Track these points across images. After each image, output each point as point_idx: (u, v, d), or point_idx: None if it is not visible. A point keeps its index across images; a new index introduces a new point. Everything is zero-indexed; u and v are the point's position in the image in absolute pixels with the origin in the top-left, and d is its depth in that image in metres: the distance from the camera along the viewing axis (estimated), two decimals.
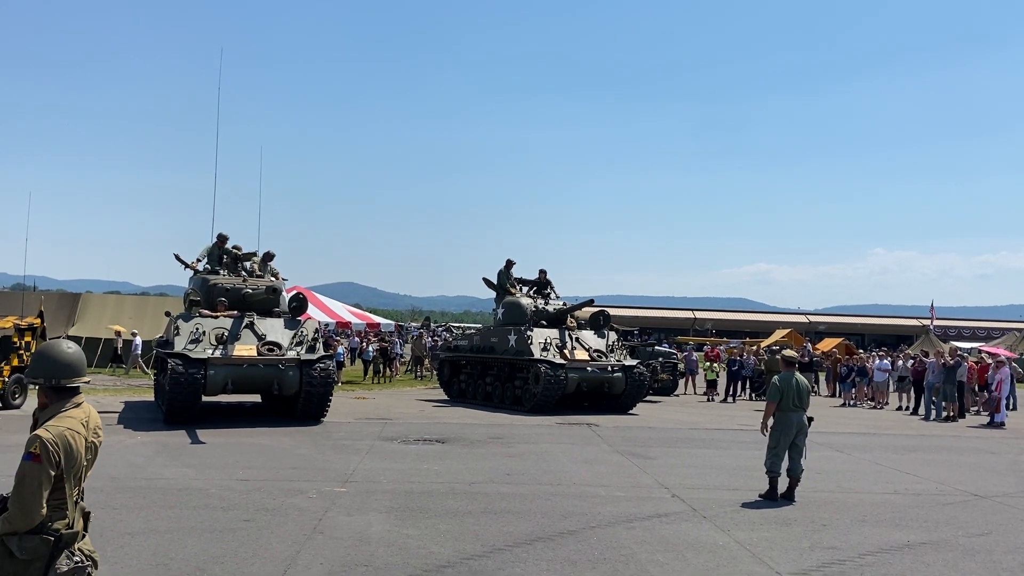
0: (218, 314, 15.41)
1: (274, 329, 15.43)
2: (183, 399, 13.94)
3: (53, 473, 3.26)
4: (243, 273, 17.31)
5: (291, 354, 14.95)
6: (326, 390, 15.01)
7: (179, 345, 14.42)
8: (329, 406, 15.36)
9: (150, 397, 18.55)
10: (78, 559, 3.35)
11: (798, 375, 9.68)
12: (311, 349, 15.27)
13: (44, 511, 3.25)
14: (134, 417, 15.45)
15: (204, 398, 14.81)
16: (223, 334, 14.82)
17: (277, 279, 17.59)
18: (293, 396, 15.01)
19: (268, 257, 17.92)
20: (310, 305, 20.38)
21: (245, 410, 17.35)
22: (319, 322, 20.27)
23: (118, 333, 26.83)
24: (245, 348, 14.71)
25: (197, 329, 14.72)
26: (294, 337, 15.37)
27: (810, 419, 9.65)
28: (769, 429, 9.57)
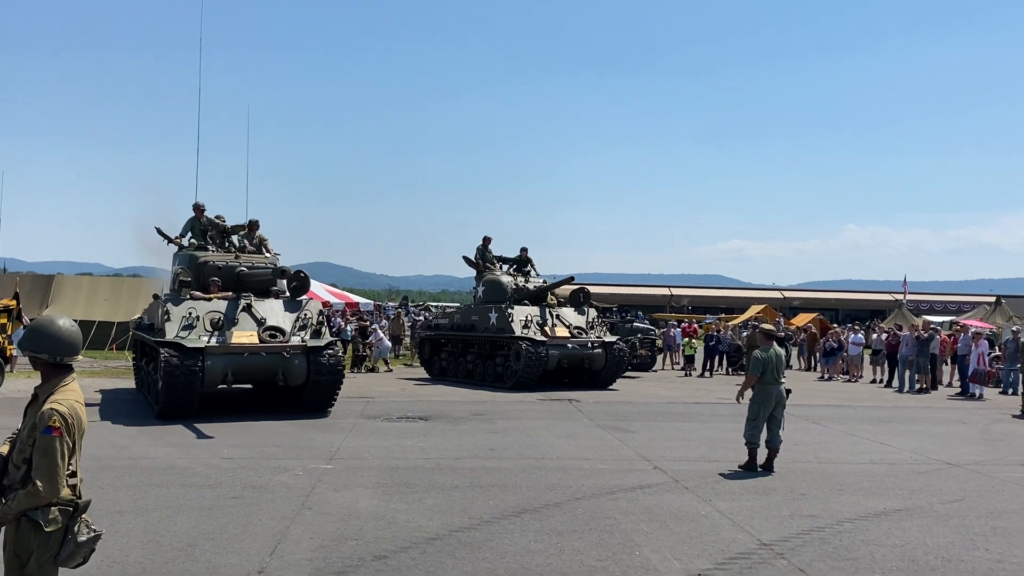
0: (211, 296, 13.91)
1: (274, 312, 13.95)
2: (179, 394, 12.52)
3: (71, 444, 3.41)
4: (233, 248, 15.88)
5: (295, 340, 13.52)
6: (336, 379, 13.69)
7: (171, 332, 12.97)
8: (338, 395, 14.08)
9: (128, 383, 18.01)
10: (95, 527, 3.51)
11: (776, 348, 9.85)
12: (316, 334, 13.81)
13: (65, 482, 3.39)
14: (115, 400, 15.36)
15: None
16: (218, 319, 13.33)
17: (269, 252, 16.05)
18: (299, 387, 13.66)
19: (254, 226, 16.28)
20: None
21: (244, 399, 15.81)
22: (322, 302, 19.07)
23: None
24: (245, 335, 13.31)
25: (190, 314, 13.25)
26: (296, 321, 13.87)
27: (788, 391, 9.84)
28: (747, 399, 9.75)
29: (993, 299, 50.76)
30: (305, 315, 14.01)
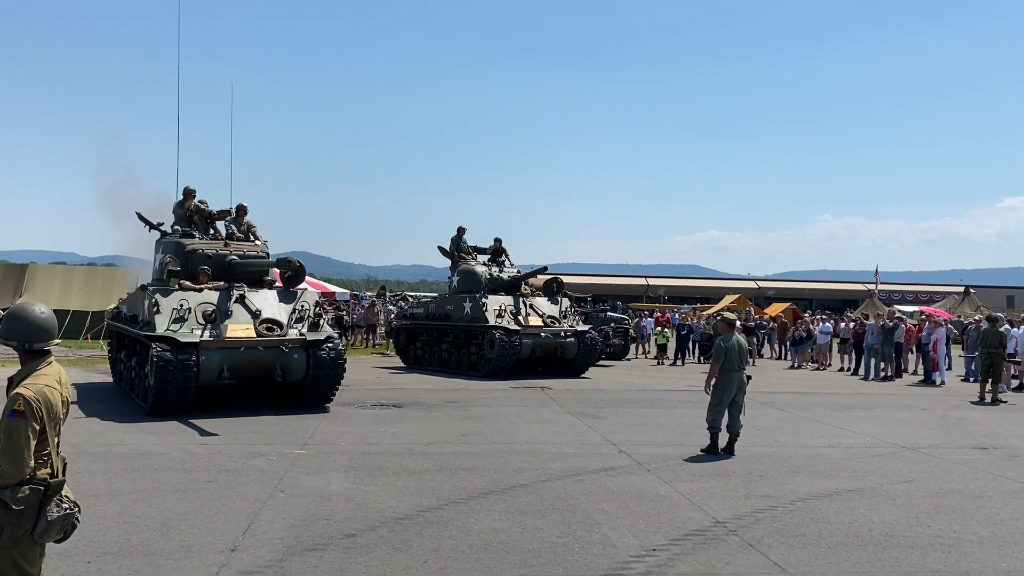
0: (201, 286, 13.09)
1: (268, 303, 13.19)
2: (173, 391, 11.81)
3: (37, 427, 3.53)
4: (220, 235, 15.02)
5: (293, 333, 12.87)
6: (338, 373, 13.07)
7: (161, 325, 12.19)
8: (338, 390, 13.48)
9: (103, 377, 17.41)
10: (67, 505, 3.64)
11: (738, 336, 10.18)
12: (315, 326, 13.17)
13: (32, 463, 3.52)
14: (93, 392, 15.38)
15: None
16: (211, 311, 12.52)
17: (259, 239, 15.19)
18: (296, 382, 13.04)
19: (242, 211, 15.33)
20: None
21: (233, 393, 14.78)
22: (319, 293, 18.26)
23: None
24: (241, 328, 12.59)
25: (182, 305, 12.46)
26: (293, 312, 13.14)
27: (749, 377, 10.17)
28: (712, 387, 10.08)
29: (962, 289, 51.76)
30: (302, 306, 13.34)
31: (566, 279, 23.36)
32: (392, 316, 29.40)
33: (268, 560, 5.68)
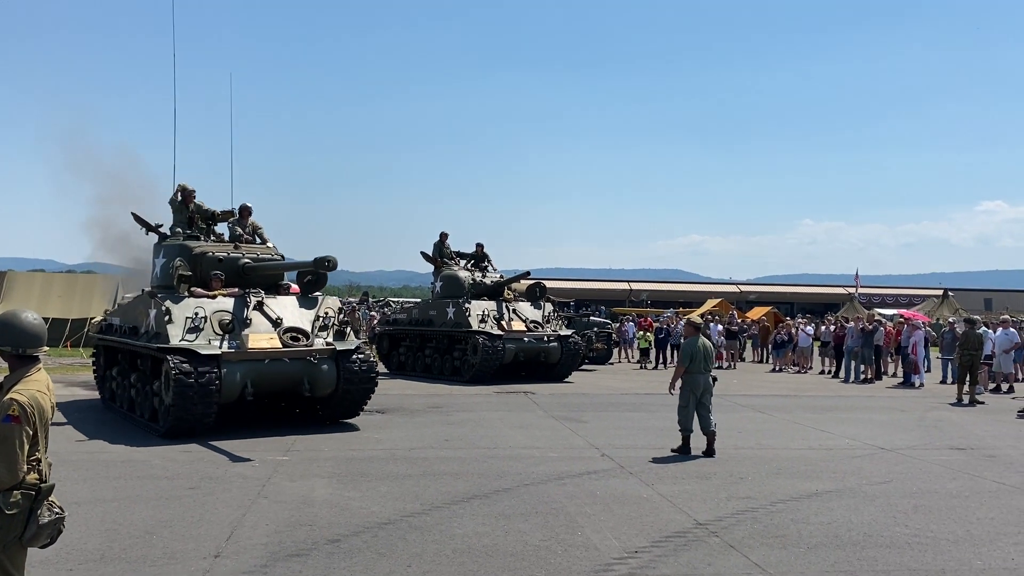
0: (216, 293, 12.02)
1: (288, 310, 12.12)
2: (194, 410, 10.65)
3: (31, 432, 3.60)
4: (222, 238, 13.89)
5: (319, 342, 11.87)
6: (369, 385, 12.18)
7: (175, 336, 11.07)
8: (367, 403, 12.61)
9: (87, 393, 15.73)
10: (57, 510, 3.70)
11: (703, 339, 10.33)
12: (340, 335, 12.22)
13: (25, 467, 3.58)
14: (87, 411, 15.24)
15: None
16: (228, 320, 11.48)
17: (267, 241, 14.14)
18: (326, 396, 11.98)
19: (245, 212, 14.16)
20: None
21: (252, 407, 12.40)
22: (341, 300, 17.57)
23: None
24: (263, 337, 11.47)
25: (196, 314, 11.35)
26: (316, 320, 12.16)
27: (714, 379, 10.35)
28: (678, 389, 10.22)
29: (941, 292, 52.33)
30: (325, 313, 12.34)
31: (549, 284, 23.47)
32: (375, 322, 29.35)
33: (251, 566, 5.69)
